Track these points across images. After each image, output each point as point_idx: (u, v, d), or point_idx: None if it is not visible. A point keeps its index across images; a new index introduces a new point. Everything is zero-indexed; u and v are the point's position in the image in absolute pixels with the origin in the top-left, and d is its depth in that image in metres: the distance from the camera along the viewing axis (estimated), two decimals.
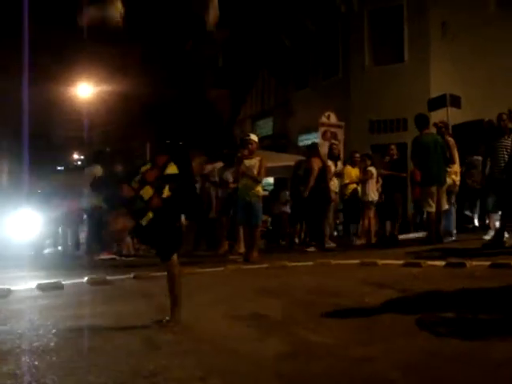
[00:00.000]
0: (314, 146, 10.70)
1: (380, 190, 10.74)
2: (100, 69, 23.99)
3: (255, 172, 8.42)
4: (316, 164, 9.84)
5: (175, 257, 3.78)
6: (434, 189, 8.85)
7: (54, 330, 3.79)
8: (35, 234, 12.46)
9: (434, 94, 14.57)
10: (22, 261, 9.94)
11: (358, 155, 11.20)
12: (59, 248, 13.67)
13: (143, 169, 3.66)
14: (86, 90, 25.56)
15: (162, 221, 3.63)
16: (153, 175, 3.61)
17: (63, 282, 6.16)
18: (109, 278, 6.52)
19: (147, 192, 3.57)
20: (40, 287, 5.92)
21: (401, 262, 6.39)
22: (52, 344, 3.43)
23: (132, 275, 6.63)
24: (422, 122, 9.32)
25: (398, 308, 3.99)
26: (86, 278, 6.41)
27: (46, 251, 13.52)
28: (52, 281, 6.31)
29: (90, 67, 23.26)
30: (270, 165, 10.70)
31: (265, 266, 7.17)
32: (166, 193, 3.60)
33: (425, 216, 9.61)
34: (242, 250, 8.93)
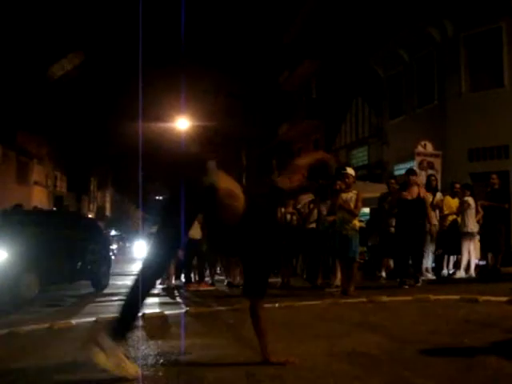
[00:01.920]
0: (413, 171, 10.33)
1: (481, 221, 10.43)
2: (196, 106, 25.18)
3: (352, 205, 8.49)
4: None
5: None
6: None
7: (159, 362, 3.98)
8: None
9: None
10: None
11: (458, 186, 10.98)
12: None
13: None
14: (184, 124, 26.75)
15: None
16: None
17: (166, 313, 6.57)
18: (212, 309, 6.82)
19: None
20: (142, 317, 6.31)
21: (504, 298, 6.17)
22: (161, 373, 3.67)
23: (234, 307, 6.87)
24: None
25: (502, 350, 3.85)
26: (186, 309, 6.75)
27: None
28: (155, 311, 6.76)
29: (188, 104, 24.51)
30: (366, 195, 10.68)
31: (362, 299, 7.15)
32: None
33: None
34: (339, 283, 8.96)
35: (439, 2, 16.73)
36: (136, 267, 19.11)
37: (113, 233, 45.78)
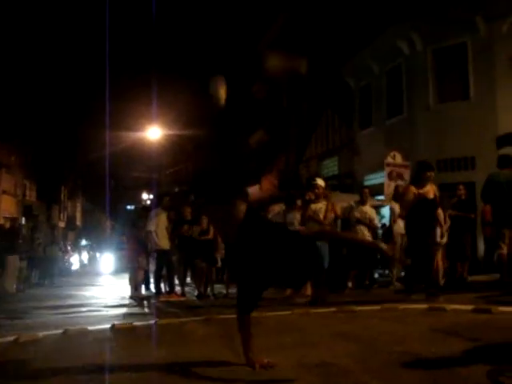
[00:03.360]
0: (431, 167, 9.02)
1: (448, 231, 10.58)
2: (169, 113, 25.04)
3: (321, 216, 8.54)
4: None
5: None
6: (505, 231, 8.61)
7: (128, 373, 3.93)
8: None
9: (501, 131, 14.36)
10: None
11: None
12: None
13: None
14: (155, 133, 26.61)
15: None
16: None
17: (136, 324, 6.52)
18: (182, 319, 6.79)
19: None
20: (112, 328, 6.25)
21: (470, 307, 6.27)
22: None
23: (204, 318, 6.85)
24: (505, 162, 8.72)
25: (468, 359, 3.91)
26: (156, 320, 6.70)
27: None
28: (125, 322, 6.71)
29: (160, 111, 24.36)
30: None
31: (332, 309, 7.18)
32: None
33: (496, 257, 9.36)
34: (309, 292, 8.98)
35: (408, 16, 17.03)
36: (104, 280, 18.75)
37: (83, 242, 45.36)
